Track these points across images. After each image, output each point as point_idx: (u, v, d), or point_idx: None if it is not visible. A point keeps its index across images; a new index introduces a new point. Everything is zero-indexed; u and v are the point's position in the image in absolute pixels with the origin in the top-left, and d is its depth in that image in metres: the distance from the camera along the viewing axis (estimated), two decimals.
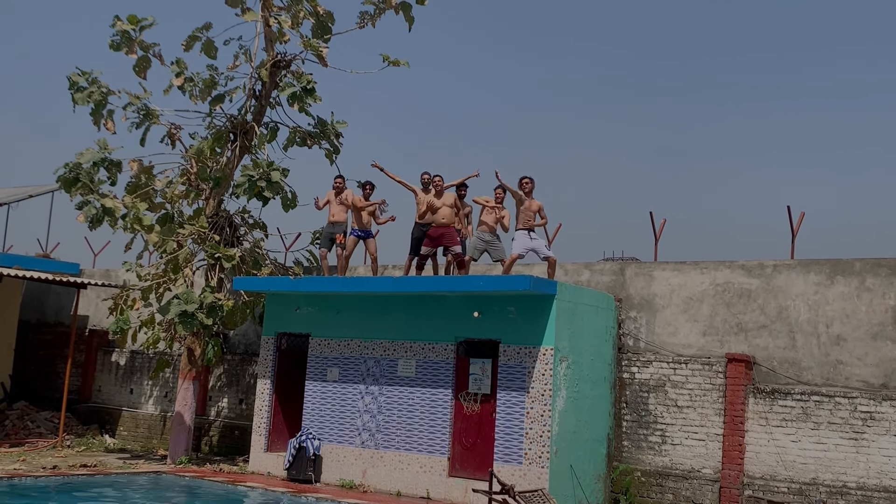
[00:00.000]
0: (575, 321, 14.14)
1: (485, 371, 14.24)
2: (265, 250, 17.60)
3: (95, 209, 16.21)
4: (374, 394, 15.17)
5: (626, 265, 15.85)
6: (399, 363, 14.95)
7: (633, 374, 15.10)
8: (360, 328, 15.51)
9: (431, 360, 14.65)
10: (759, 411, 13.86)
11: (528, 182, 14.16)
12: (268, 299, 16.78)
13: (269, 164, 16.36)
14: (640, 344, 15.26)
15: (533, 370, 13.63)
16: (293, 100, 16.55)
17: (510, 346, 13.91)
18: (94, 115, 16.88)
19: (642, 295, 15.41)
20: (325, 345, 15.89)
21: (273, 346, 16.55)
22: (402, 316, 15.11)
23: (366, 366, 15.36)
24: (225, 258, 16.72)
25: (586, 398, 14.32)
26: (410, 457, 14.58)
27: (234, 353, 19.37)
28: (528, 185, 14.15)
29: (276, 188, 16.33)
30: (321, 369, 15.84)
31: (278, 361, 16.53)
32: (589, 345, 14.48)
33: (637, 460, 14.73)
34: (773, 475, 13.61)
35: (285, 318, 16.42)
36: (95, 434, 20.07)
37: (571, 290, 14.25)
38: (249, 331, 19.19)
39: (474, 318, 14.27)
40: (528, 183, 14.16)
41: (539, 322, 13.67)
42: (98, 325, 21.90)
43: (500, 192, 14.29)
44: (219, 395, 19.30)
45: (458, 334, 14.56)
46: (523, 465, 13.51)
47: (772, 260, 14.52)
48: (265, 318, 16.76)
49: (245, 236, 17.64)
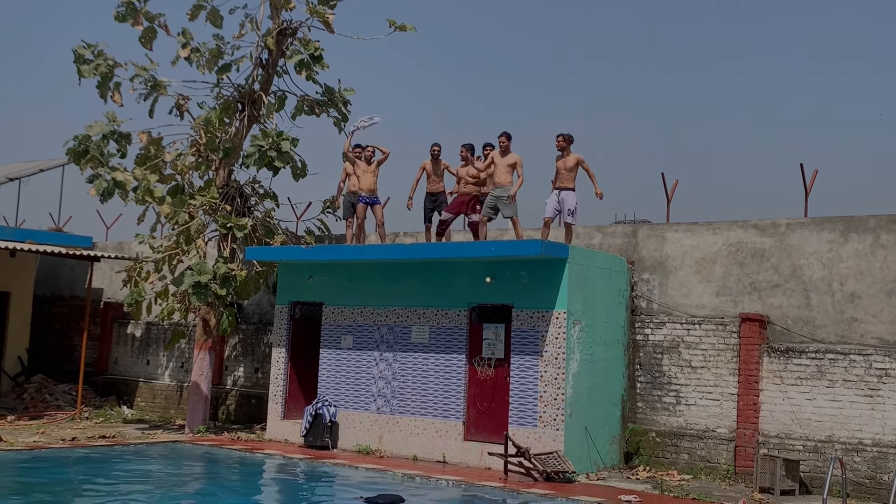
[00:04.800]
0: (587, 284, 14.09)
1: (498, 336, 14.22)
2: (276, 220, 17.62)
3: (106, 182, 16.19)
4: (389, 360, 15.18)
5: (639, 227, 15.76)
6: (412, 330, 14.94)
7: (646, 335, 15.05)
8: (372, 296, 15.49)
9: (445, 326, 14.64)
10: (773, 370, 13.80)
11: (561, 140, 14.12)
12: (280, 269, 16.76)
13: (278, 133, 16.31)
14: (653, 306, 15.21)
15: (546, 334, 13.63)
16: (300, 67, 16.48)
17: (523, 311, 13.87)
18: (101, 88, 16.79)
19: (655, 257, 15.33)
20: (339, 313, 15.88)
21: (287, 314, 16.54)
22: (414, 283, 15.08)
23: (379, 333, 15.35)
24: (237, 228, 16.71)
25: (600, 360, 14.29)
26: (426, 422, 14.63)
27: (248, 322, 19.42)
28: (560, 143, 14.15)
29: (286, 158, 16.30)
30: (335, 337, 15.86)
31: (292, 330, 16.52)
32: (602, 307, 14.44)
33: (652, 421, 14.73)
34: (788, 433, 13.59)
35: (298, 287, 16.41)
36: (113, 405, 20.19)
37: (583, 254, 14.18)
38: (263, 300, 19.21)
39: (487, 283, 14.21)
40: (561, 140, 14.13)
41: (551, 286, 13.63)
42: (112, 297, 21.93)
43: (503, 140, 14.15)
44: (234, 364, 19.34)
45: (471, 300, 14.53)
46: (538, 428, 13.54)
47: (785, 219, 14.43)
48: (278, 288, 16.76)
49: (256, 206, 17.62)
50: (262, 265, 17.24)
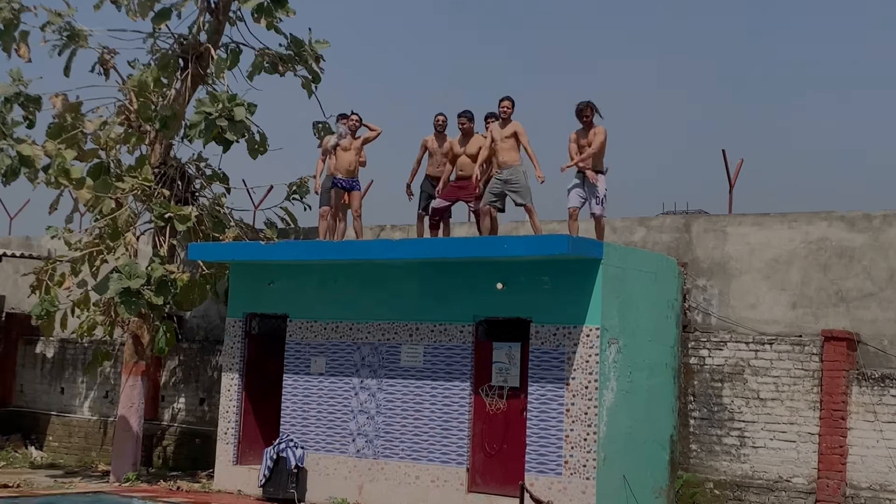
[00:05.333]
0: (627, 292, 14.09)
1: (512, 358, 14.29)
2: (228, 208, 17.48)
3: (10, 158, 16.09)
4: (372, 389, 15.21)
5: (693, 219, 15.64)
6: (403, 350, 14.99)
7: (702, 358, 15.02)
8: (351, 307, 15.51)
9: (444, 346, 14.71)
10: (864, 403, 13.72)
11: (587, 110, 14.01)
12: (233, 271, 16.75)
13: (230, 97, 16.10)
14: (710, 320, 15.19)
15: (574, 356, 13.66)
16: (259, 13, 16.31)
17: (544, 326, 13.93)
18: (3, 39, 16.72)
19: (713, 257, 15.24)
20: (308, 328, 15.92)
21: (241, 330, 16.60)
22: (405, 290, 15.11)
23: (360, 354, 15.40)
24: (177, 219, 16.57)
25: (642, 390, 14.32)
26: (419, 468, 14.60)
27: (191, 340, 19.36)
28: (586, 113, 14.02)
29: (241, 128, 16.09)
30: (303, 359, 15.89)
31: (249, 350, 16.61)
32: (645, 322, 14.43)
33: (708, 468, 14.68)
34: (884, 484, 13.50)
35: (256, 294, 16.42)
36: (18, 446, 20.09)
37: (622, 254, 14.19)
38: (211, 312, 19.20)
39: (497, 290, 14.24)
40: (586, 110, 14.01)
41: (581, 294, 13.63)
42: (17, 307, 21.81)
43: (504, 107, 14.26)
44: (174, 393, 19.27)
45: (478, 312, 14.56)
46: (563, 477, 13.48)
47: (880, 210, 14.41)
48: (230, 296, 16.76)
49: (202, 191, 17.44)
50: (210, 267, 17.15)
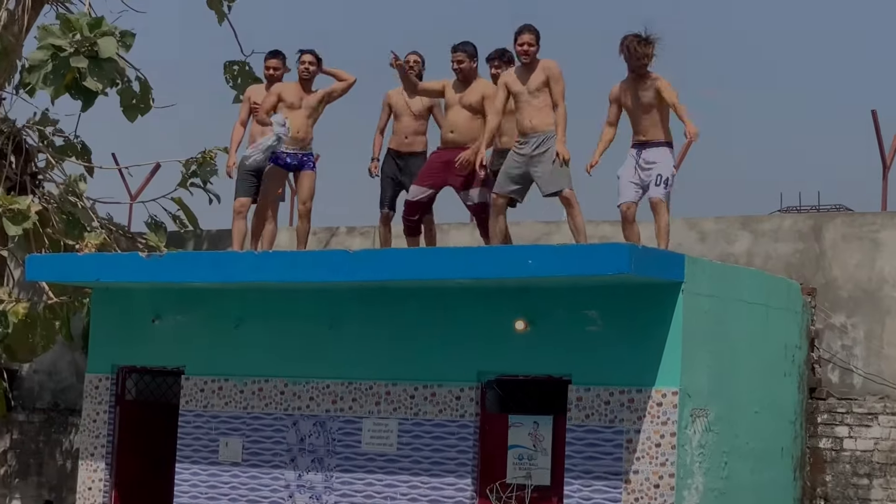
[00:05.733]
0: (722, 337, 13.34)
1: (539, 440, 13.47)
2: (89, 199, 17.27)
3: None
4: (316, 489, 14.32)
5: (827, 220, 15.21)
6: (365, 427, 14.13)
7: (839, 440, 14.52)
8: (284, 356, 14.59)
9: (431, 421, 13.90)
10: None
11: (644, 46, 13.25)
12: (96, 300, 15.89)
13: (93, 23, 15.68)
14: (853, 379, 14.60)
15: (637, 437, 12.79)
16: None
17: (590, 390, 13.04)
18: None
19: (858, 280, 14.71)
20: (215, 390, 15.01)
21: (109, 393, 15.62)
22: (371, 331, 14.26)
23: (297, 433, 14.48)
24: (8, 216, 16.01)
25: (745, 489, 13.58)
26: None
27: (31, 409, 19.03)
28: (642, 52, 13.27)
29: (110, 72, 15.77)
30: (207, 440, 15.01)
31: (121, 423, 15.69)
32: (750, 382, 13.74)
33: None
34: None
35: (133, 337, 15.54)
36: None
37: (715, 274, 13.40)
38: (61, 364, 18.75)
39: (517, 333, 13.37)
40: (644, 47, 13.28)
41: (649, 339, 12.82)
42: None
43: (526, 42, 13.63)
44: (3, 492, 18.81)
45: (486, 367, 13.68)
46: None
47: None
48: (92, 339, 15.91)
49: (48, 172, 17.37)
50: (61, 293, 16.61)
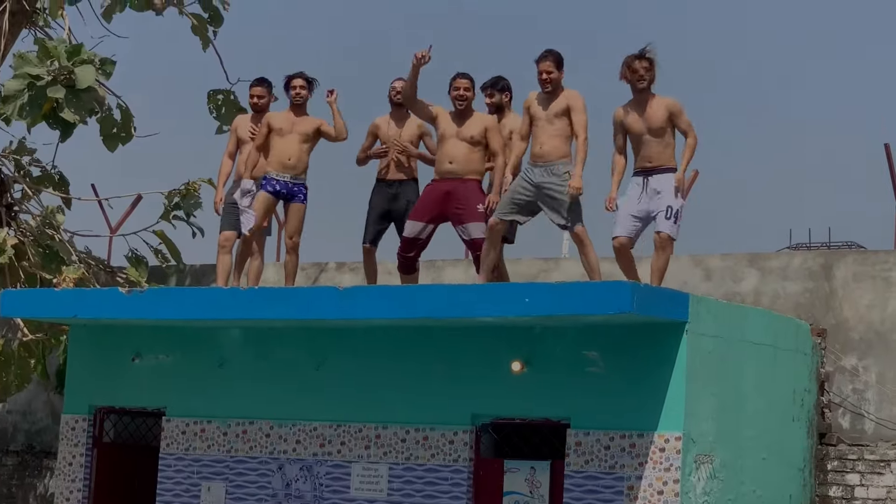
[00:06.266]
0: (727, 379, 13.31)
1: (536, 487, 13.42)
2: (67, 232, 17.36)
3: None
4: None
5: (837, 258, 15.28)
6: (354, 472, 14.07)
7: (850, 489, 14.36)
8: (269, 397, 14.54)
9: (422, 465, 13.86)
10: None
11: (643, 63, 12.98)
12: (73, 338, 15.88)
13: (71, 50, 15.78)
14: (865, 425, 14.51)
15: (639, 484, 12.71)
16: None
17: (590, 434, 13.00)
18: None
19: (870, 321, 14.63)
20: (197, 433, 14.96)
21: (86, 434, 15.60)
22: (360, 372, 14.19)
23: (283, 477, 14.42)
24: None
25: None
26: None
27: (3, 450, 19.10)
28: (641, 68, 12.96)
29: (88, 101, 15.92)
30: (188, 484, 14.93)
31: (98, 467, 15.58)
32: (758, 427, 13.69)
33: None
34: None
35: (112, 376, 15.49)
36: None
37: (721, 314, 13.31)
38: (36, 404, 18.95)
39: (513, 374, 13.30)
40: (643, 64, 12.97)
41: (652, 382, 12.73)
42: None
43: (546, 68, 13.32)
44: None
45: (480, 410, 13.64)
46: None
47: None
48: (69, 379, 15.87)
49: (24, 203, 17.40)
50: (36, 330, 16.67)
